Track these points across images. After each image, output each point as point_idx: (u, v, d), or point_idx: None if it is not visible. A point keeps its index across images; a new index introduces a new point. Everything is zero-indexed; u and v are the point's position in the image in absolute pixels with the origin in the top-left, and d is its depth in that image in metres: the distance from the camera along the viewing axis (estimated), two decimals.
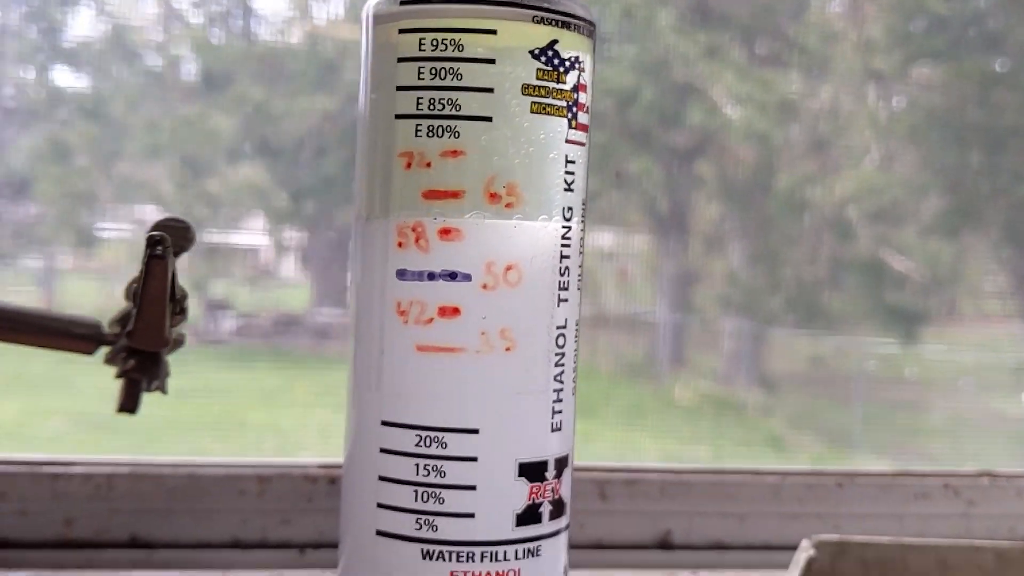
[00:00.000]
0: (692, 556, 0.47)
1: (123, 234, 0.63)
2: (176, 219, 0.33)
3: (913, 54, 0.71)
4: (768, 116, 0.68)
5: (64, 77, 0.62)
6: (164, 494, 0.45)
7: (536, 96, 0.28)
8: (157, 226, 0.33)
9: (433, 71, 0.28)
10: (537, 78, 0.28)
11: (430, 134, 0.28)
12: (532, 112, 0.28)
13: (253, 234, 0.69)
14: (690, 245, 0.71)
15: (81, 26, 0.60)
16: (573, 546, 0.33)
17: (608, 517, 0.47)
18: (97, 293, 0.65)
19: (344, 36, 0.64)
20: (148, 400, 0.37)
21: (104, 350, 0.37)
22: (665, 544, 0.48)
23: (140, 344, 0.33)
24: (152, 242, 0.29)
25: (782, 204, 0.69)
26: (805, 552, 0.41)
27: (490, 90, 0.28)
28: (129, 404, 0.37)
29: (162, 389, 0.35)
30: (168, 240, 0.29)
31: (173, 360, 0.37)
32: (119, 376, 0.36)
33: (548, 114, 0.29)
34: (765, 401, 0.73)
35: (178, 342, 0.36)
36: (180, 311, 0.32)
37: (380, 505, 0.29)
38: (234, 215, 0.66)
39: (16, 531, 0.44)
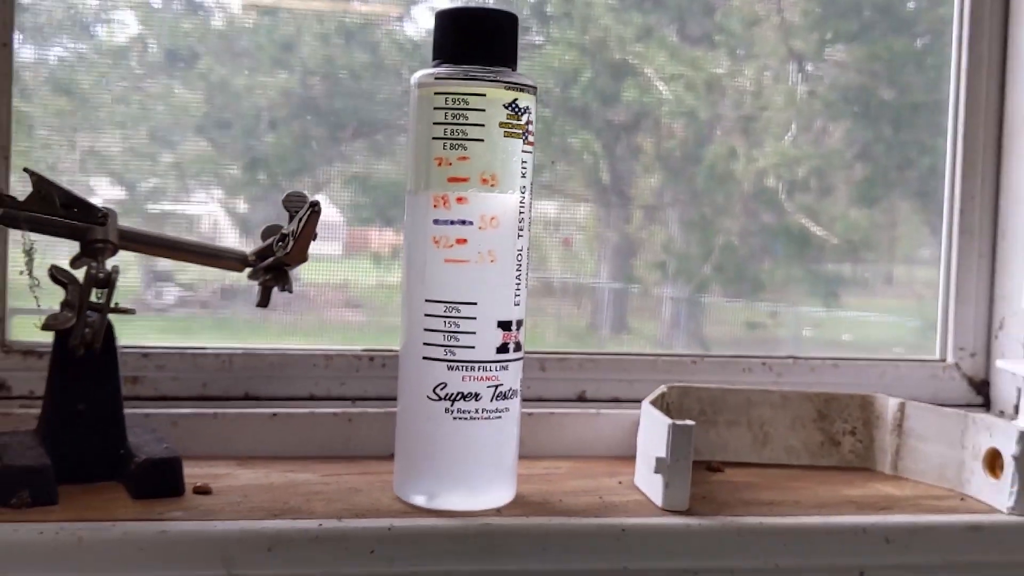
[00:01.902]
0: (598, 406, 0.74)
1: None
2: (300, 192, 0.59)
3: (829, 36, 0.81)
4: (697, 93, 0.78)
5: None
6: (265, 367, 0.70)
7: (506, 128, 0.55)
8: (290, 195, 0.59)
9: (452, 115, 0.54)
10: (507, 118, 0.55)
11: (451, 148, 0.54)
12: (504, 136, 0.55)
13: (200, 204, 0.74)
14: (631, 216, 0.80)
15: None
16: (524, 399, 0.59)
17: (546, 382, 0.74)
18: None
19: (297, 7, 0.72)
20: None
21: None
22: (582, 399, 0.75)
23: (294, 261, 0.58)
24: (313, 203, 0.55)
25: (711, 176, 0.79)
26: (660, 389, 0.68)
27: (482, 125, 0.54)
28: (264, 302, 0.62)
29: (290, 290, 0.61)
30: (321, 204, 0.55)
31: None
32: (260, 284, 0.62)
33: (513, 137, 0.55)
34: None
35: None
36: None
37: (425, 343, 0.55)
38: (182, 185, 0.72)
39: (172, 390, 0.69)
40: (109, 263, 0.57)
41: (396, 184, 0.75)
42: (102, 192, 0.73)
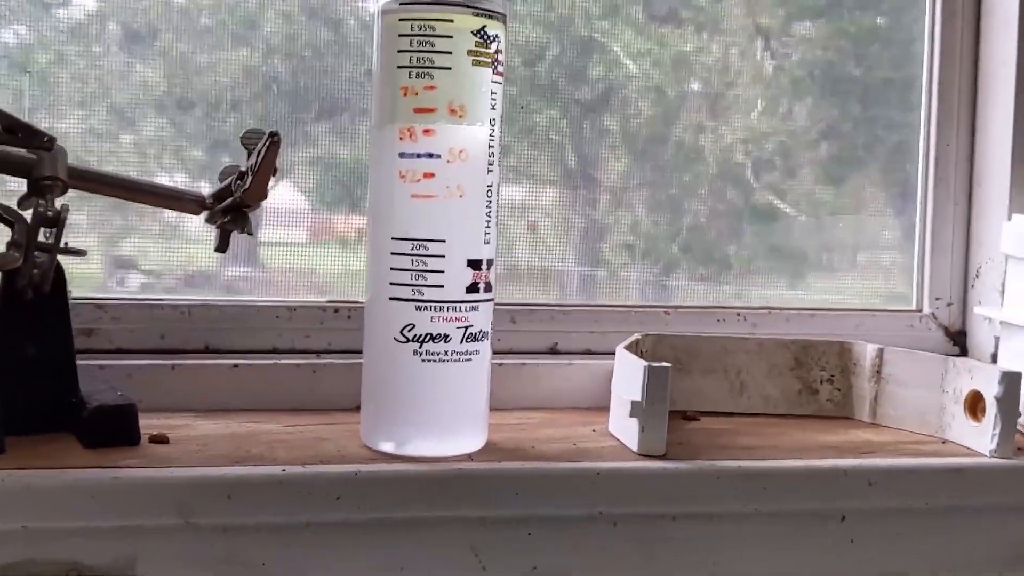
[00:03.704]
0: (571, 357, 0.72)
1: None
2: (259, 129, 0.57)
3: (796, 12, 0.79)
4: (664, 71, 0.77)
5: None
6: (226, 318, 0.68)
7: (475, 56, 0.52)
8: (248, 132, 0.57)
9: (419, 42, 0.52)
10: (475, 46, 0.52)
11: (417, 76, 0.52)
12: (473, 65, 0.52)
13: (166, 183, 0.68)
14: (598, 197, 0.78)
15: None
16: (494, 352, 0.56)
17: (517, 334, 0.72)
18: None
19: None
20: None
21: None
22: (553, 351, 0.73)
23: (252, 199, 0.56)
24: (272, 133, 0.53)
25: (678, 154, 0.78)
26: (634, 336, 0.66)
27: (449, 52, 0.52)
28: (223, 247, 0.60)
29: (251, 232, 0.58)
30: (280, 134, 0.53)
31: None
32: (218, 227, 0.59)
33: (481, 66, 0.53)
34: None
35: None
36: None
37: (392, 283, 0.53)
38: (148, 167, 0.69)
39: (128, 343, 0.66)
40: (59, 202, 0.54)
41: (361, 164, 0.73)
42: None
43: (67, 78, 0.68)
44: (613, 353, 0.68)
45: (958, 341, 0.80)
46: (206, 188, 0.70)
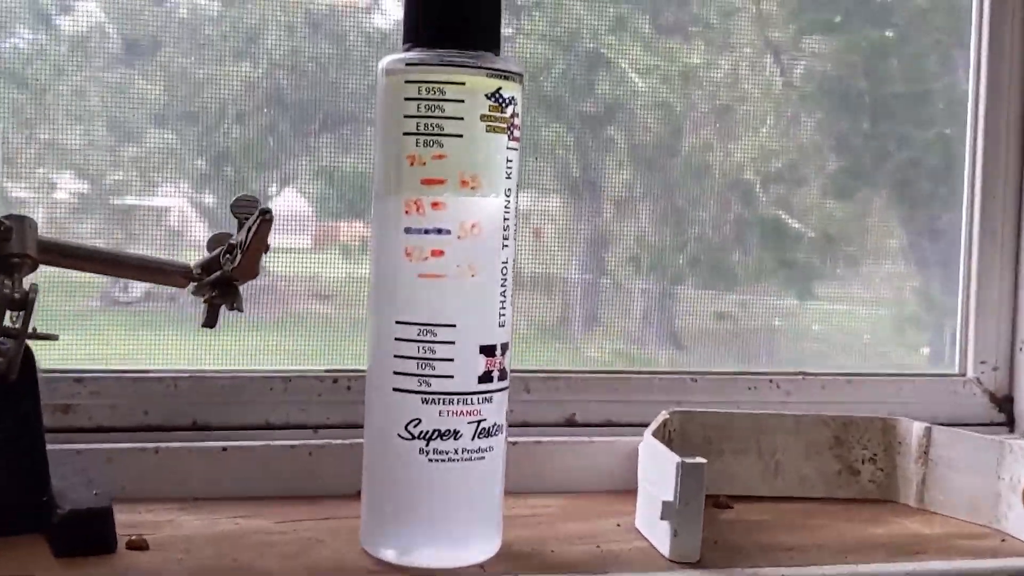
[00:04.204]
0: (590, 431, 0.67)
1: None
2: (251, 196, 0.51)
3: (806, 27, 0.77)
4: (672, 85, 0.74)
5: None
6: (216, 391, 0.62)
7: (489, 121, 0.47)
8: (239, 200, 0.51)
9: (427, 106, 0.46)
10: (489, 110, 0.47)
11: (426, 144, 0.46)
12: (487, 132, 0.47)
13: (169, 198, 0.69)
14: (603, 208, 0.75)
15: None
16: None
17: (531, 405, 0.67)
18: None
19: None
20: None
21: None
22: (571, 423, 0.67)
23: (241, 277, 0.50)
24: (264, 211, 0.47)
25: (687, 168, 0.74)
26: (661, 416, 0.61)
27: (461, 118, 0.46)
28: (211, 322, 0.54)
29: (240, 309, 0.53)
30: (272, 212, 0.47)
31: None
32: (205, 302, 0.54)
33: (496, 132, 0.47)
34: (676, 358, 0.76)
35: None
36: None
37: (395, 372, 0.48)
38: (151, 179, 0.67)
39: (109, 419, 0.61)
40: (27, 281, 0.49)
41: (363, 176, 0.69)
42: (64, 185, 0.67)
43: (66, 91, 0.65)
44: (636, 425, 0.63)
45: (1004, 408, 0.74)
46: (209, 198, 0.67)
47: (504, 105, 0.47)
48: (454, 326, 0.47)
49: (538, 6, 0.72)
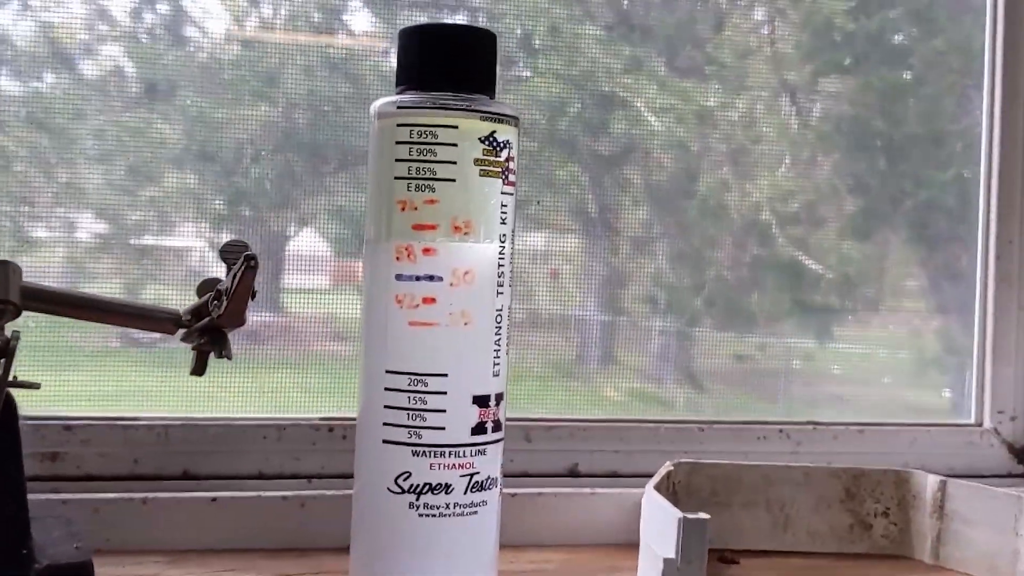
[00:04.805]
0: (593, 482, 0.65)
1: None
2: (241, 241, 0.50)
3: (822, 68, 0.77)
4: (687, 125, 0.74)
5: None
6: (208, 440, 0.61)
7: (483, 166, 0.46)
8: (228, 245, 0.50)
9: (419, 150, 0.45)
10: (483, 154, 0.46)
11: (417, 189, 0.45)
12: (480, 176, 0.46)
13: (187, 238, 0.69)
14: (619, 247, 0.74)
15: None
16: (506, 475, 0.49)
17: (532, 454, 0.65)
18: None
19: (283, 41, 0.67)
20: None
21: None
22: (573, 473, 0.65)
23: (228, 324, 0.49)
24: (248, 257, 0.46)
25: (702, 208, 0.74)
26: (665, 468, 0.59)
27: (454, 162, 0.45)
28: (199, 370, 0.53)
29: (228, 356, 0.52)
30: (257, 258, 0.46)
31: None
32: (194, 349, 0.53)
33: (490, 176, 0.46)
34: (693, 398, 0.75)
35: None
36: None
37: (385, 423, 0.46)
38: (169, 219, 0.66)
39: (98, 468, 0.60)
40: (9, 328, 0.48)
41: None
42: (85, 226, 0.66)
43: (85, 133, 0.64)
44: (641, 476, 0.61)
45: (1023, 459, 0.72)
46: (226, 237, 0.65)
47: (499, 149, 0.46)
48: (446, 375, 0.46)
49: (554, 48, 0.72)
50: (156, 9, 0.66)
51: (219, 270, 0.52)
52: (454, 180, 0.45)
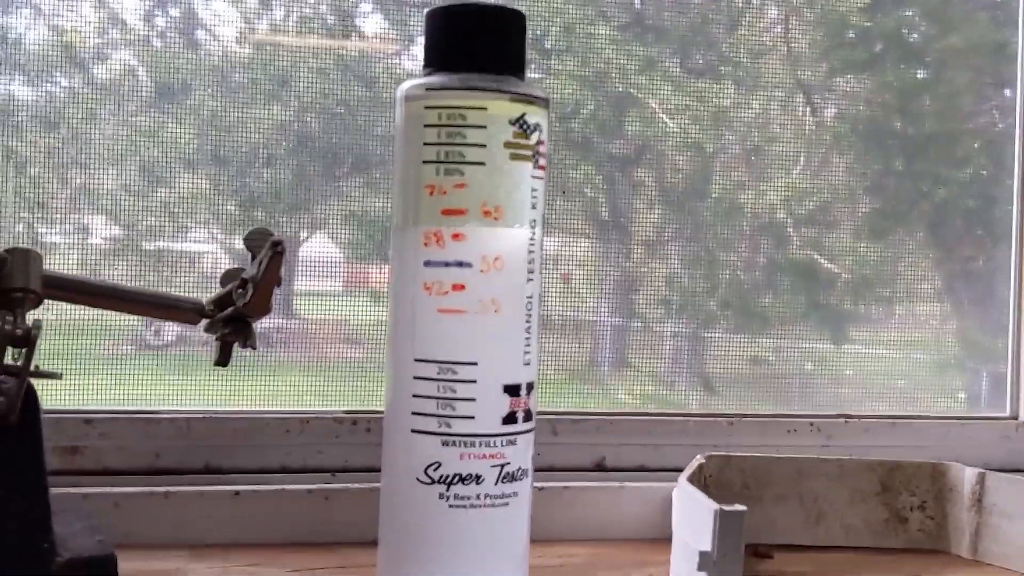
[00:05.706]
0: (621, 476, 0.64)
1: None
2: (265, 228, 0.49)
3: (838, 67, 0.76)
4: (702, 126, 0.73)
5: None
6: (229, 433, 0.60)
7: (512, 149, 0.45)
8: (253, 233, 0.49)
9: (447, 133, 0.44)
10: (513, 137, 0.45)
11: (446, 173, 0.44)
12: (510, 159, 0.44)
13: (200, 243, 0.69)
14: (632, 249, 0.73)
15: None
16: (534, 470, 0.48)
17: (559, 448, 0.64)
18: None
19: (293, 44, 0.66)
20: None
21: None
22: (600, 467, 0.64)
23: (254, 313, 0.48)
24: (275, 243, 0.45)
25: (717, 209, 0.73)
26: (697, 461, 0.57)
27: (483, 145, 0.44)
28: (224, 360, 0.52)
29: (253, 346, 0.51)
30: (284, 243, 0.45)
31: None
32: (218, 339, 0.52)
33: (520, 160, 0.45)
34: (707, 401, 0.74)
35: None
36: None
37: (414, 412, 0.45)
38: (182, 223, 0.66)
39: (118, 462, 0.59)
40: (31, 316, 0.47)
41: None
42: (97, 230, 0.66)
43: (99, 136, 0.64)
44: (669, 470, 0.60)
45: None
46: (239, 242, 0.65)
47: (529, 132, 0.45)
48: (476, 364, 0.45)
49: (568, 49, 0.71)
50: (168, 13, 0.66)
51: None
52: (484, 164, 0.44)
